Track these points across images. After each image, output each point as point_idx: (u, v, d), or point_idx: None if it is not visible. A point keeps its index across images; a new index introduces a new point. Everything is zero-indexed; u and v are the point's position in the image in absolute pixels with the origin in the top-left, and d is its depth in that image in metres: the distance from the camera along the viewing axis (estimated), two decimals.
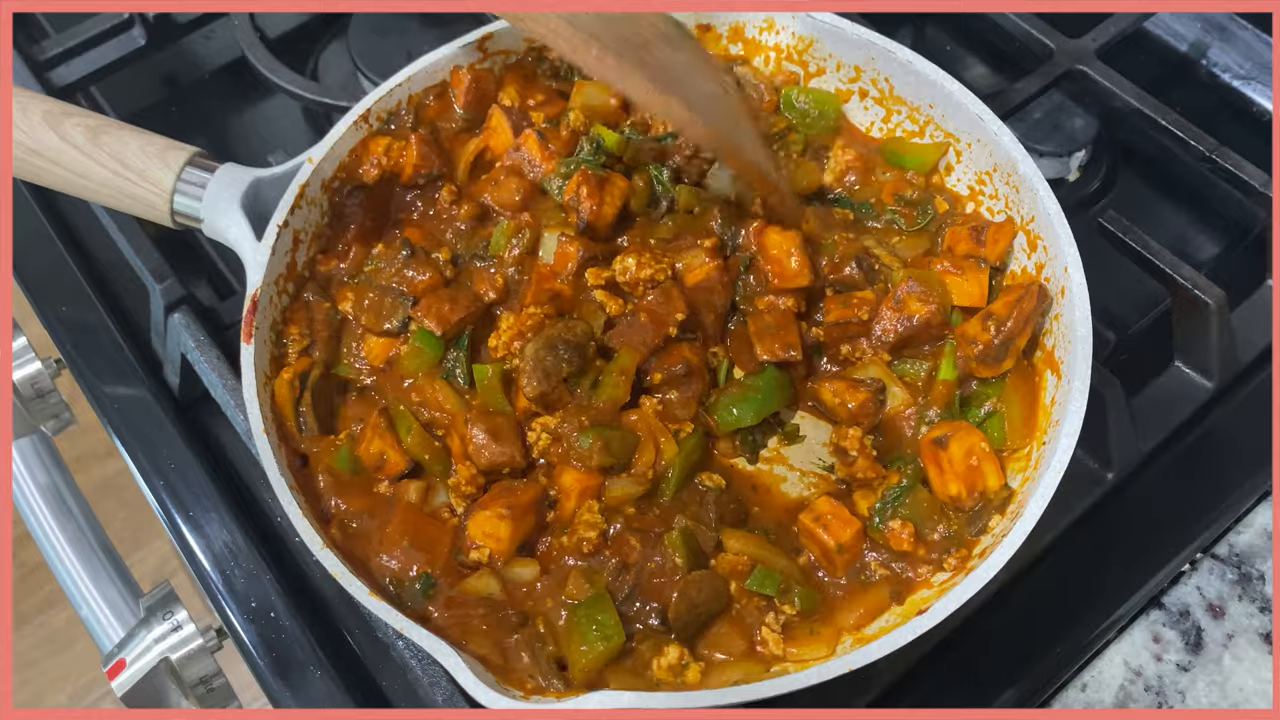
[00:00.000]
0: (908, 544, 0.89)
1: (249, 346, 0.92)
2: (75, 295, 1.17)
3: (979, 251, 0.99)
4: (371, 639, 0.97)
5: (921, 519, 0.90)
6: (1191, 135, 1.14)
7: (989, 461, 0.89)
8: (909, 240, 1.03)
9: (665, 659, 0.84)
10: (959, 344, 0.95)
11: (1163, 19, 1.34)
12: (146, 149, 0.98)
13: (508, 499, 0.89)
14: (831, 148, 1.09)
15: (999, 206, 1.02)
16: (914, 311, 0.95)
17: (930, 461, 0.91)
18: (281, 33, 1.37)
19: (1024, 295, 0.94)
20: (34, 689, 2.36)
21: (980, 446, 0.89)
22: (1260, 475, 1.01)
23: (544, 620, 0.86)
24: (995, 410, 0.93)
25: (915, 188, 1.05)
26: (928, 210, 1.04)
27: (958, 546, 0.88)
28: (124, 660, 1.00)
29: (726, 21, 1.13)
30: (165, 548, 2.26)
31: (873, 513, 0.91)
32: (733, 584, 0.88)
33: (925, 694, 0.92)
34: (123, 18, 1.31)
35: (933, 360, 0.97)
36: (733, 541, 0.89)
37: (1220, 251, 1.22)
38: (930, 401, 0.95)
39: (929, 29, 1.41)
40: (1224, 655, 0.95)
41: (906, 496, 0.90)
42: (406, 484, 0.92)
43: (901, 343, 0.97)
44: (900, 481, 0.91)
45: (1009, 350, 0.93)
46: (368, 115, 1.05)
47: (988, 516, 0.88)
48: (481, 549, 0.88)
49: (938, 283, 0.97)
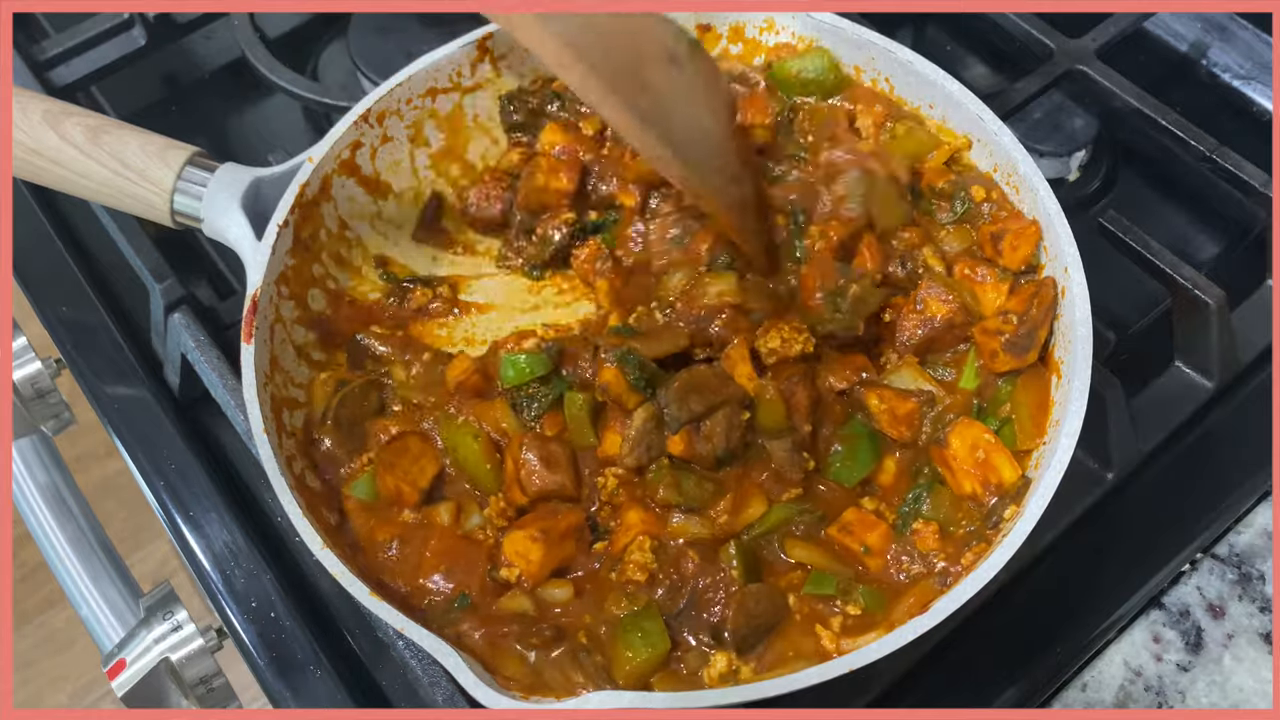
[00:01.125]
0: (935, 543, 0.88)
1: (249, 346, 0.92)
2: (75, 295, 1.17)
3: (999, 260, 0.98)
4: (371, 639, 0.97)
5: (945, 518, 0.89)
6: (1191, 135, 1.14)
7: (998, 453, 0.88)
8: (956, 233, 1.00)
9: (714, 669, 0.82)
10: (980, 340, 0.94)
11: (1163, 19, 1.34)
12: (146, 148, 0.98)
13: (545, 522, 0.88)
14: (856, 117, 1.07)
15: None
16: (935, 312, 0.94)
17: (941, 463, 0.91)
18: (281, 33, 1.37)
19: (1041, 287, 0.93)
20: (34, 689, 2.36)
21: (984, 438, 0.88)
22: (1260, 475, 1.01)
23: (585, 632, 0.85)
24: (1009, 417, 0.92)
25: (945, 177, 1.02)
26: (963, 198, 1.01)
27: (978, 541, 0.87)
28: (124, 660, 1.00)
29: (727, 21, 1.13)
30: (165, 548, 2.26)
31: (898, 516, 0.90)
32: (791, 596, 0.87)
33: (925, 694, 0.92)
34: (123, 18, 1.31)
35: (956, 368, 0.95)
36: (798, 551, 0.89)
37: (1220, 251, 1.22)
38: (949, 409, 0.94)
39: (929, 29, 1.41)
40: (1224, 655, 0.95)
41: (926, 496, 0.90)
42: (436, 508, 0.92)
43: (925, 345, 0.96)
44: (918, 483, 0.91)
45: (1034, 340, 0.91)
46: (368, 115, 1.05)
47: (1002, 509, 0.87)
48: (512, 568, 0.87)
49: (961, 285, 0.96)
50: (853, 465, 0.92)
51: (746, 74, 1.10)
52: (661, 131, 0.88)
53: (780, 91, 1.09)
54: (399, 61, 1.09)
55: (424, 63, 1.07)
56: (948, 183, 1.01)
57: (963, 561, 0.87)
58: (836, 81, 1.08)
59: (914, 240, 0.99)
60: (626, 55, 0.89)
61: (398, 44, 1.32)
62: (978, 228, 1.00)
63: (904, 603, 0.86)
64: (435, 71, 1.08)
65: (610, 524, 0.91)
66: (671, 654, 0.84)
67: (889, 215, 0.99)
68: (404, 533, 0.90)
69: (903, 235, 0.99)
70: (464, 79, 1.10)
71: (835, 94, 1.08)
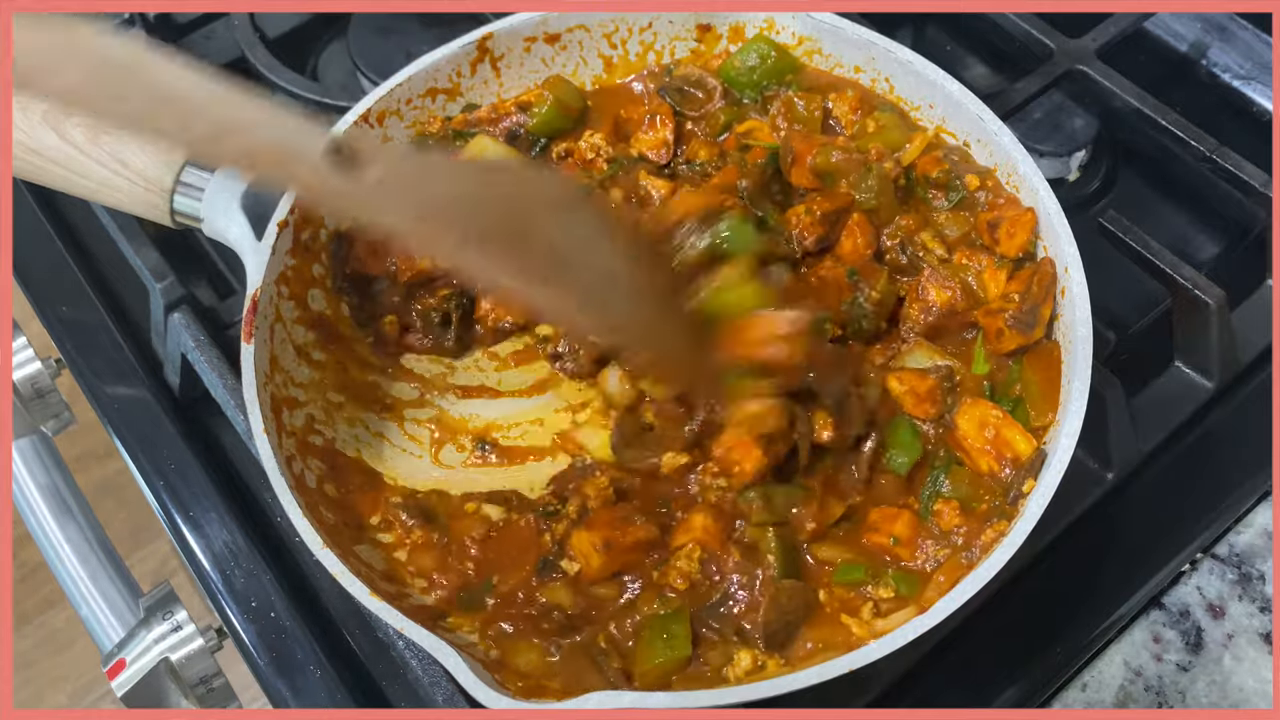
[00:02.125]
0: (957, 519, 0.88)
1: (249, 346, 0.92)
2: (75, 295, 1.17)
3: (995, 248, 0.98)
4: (371, 639, 0.97)
5: (966, 496, 0.89)
6: (1191, 135, 1.14)
7: (1009, 428, 0.88)
8: (953, 219, 1.00)
9: (738, 666, 0.83)
10: (985, 322, 0.94)
11: (1163, 19, 1.34)
12: (146, 148, 0.98)
13: (615, 532, 0.88)
14: (833, 106, 1.07)
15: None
16: (937, 299, 0.95)
17: (956, 447, 0.91)
18: (281, 33, 1.37)
19: (1039, 267, 0.93)
20: (34, 689, 2.36)
21: (992, 415, 0.88)
22: (1260, 475, 1.01)
23: (605, 635, 0.85)
24: (1020, 397, 0.92)
25: (940, 167, 1.01)
26: (957, 187, 1.00)
27: (999, 518, 0.87)
28: (124, 660, 1.00)
29: (727, 21, 1.13)
30: (165, 548, 2.26)
31: (920, 504, 0.91)
32: (821, 591, 0.87)
33: (925, 694, 0.92)
34: (123, 18, 1.31)
35: (964, 357, 0.95)
36: (824, 552, 0.89)
37: (1220, 251, 1.22)
38: (964, 387, 0.94)
39: (929, 29, 1.41)
40: (1224, 655, 0.95)
41: (945, 478, 0.90)
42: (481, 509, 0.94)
43: (931, 332, 0.96)
44: (934, 466, 0.91)
45: (1037, 316, 0.92)
46: (368, 115, 1.05)
47: (1021, 482, 0.87)
48: (574, 562, 0.88)
49: (960, 270, 0.96)
50: (901, 453, 0.92)
51: (703, 78, 1.11)
52: (565, 285, 0.81)
53: (734, 90, 1.10)
54: (399, 61, 1.09)
55: (424, 63, 1.07)
56: (941, 172, 1.01)
57: (982, 538, 0.87)
58: (782, 64, 1.08)
59: (911, 226, 0.99)
60: (509, 216, 0.80)
61: (398, 44, 1.32)
62: (975, 214, 1.00)
63: (934, 582, 0.86)
64: (435, 71, 1.08)
65: (674, 519, 0.91)
66: (695, 654, 0.84)
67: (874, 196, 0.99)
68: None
69: (900, 222, 1.00)
70: (463, 79, 1.10)
71: (787, 76, 1.08)
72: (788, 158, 1.02)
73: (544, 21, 1.11)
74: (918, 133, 1.04)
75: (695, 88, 1.11)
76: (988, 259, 0.96)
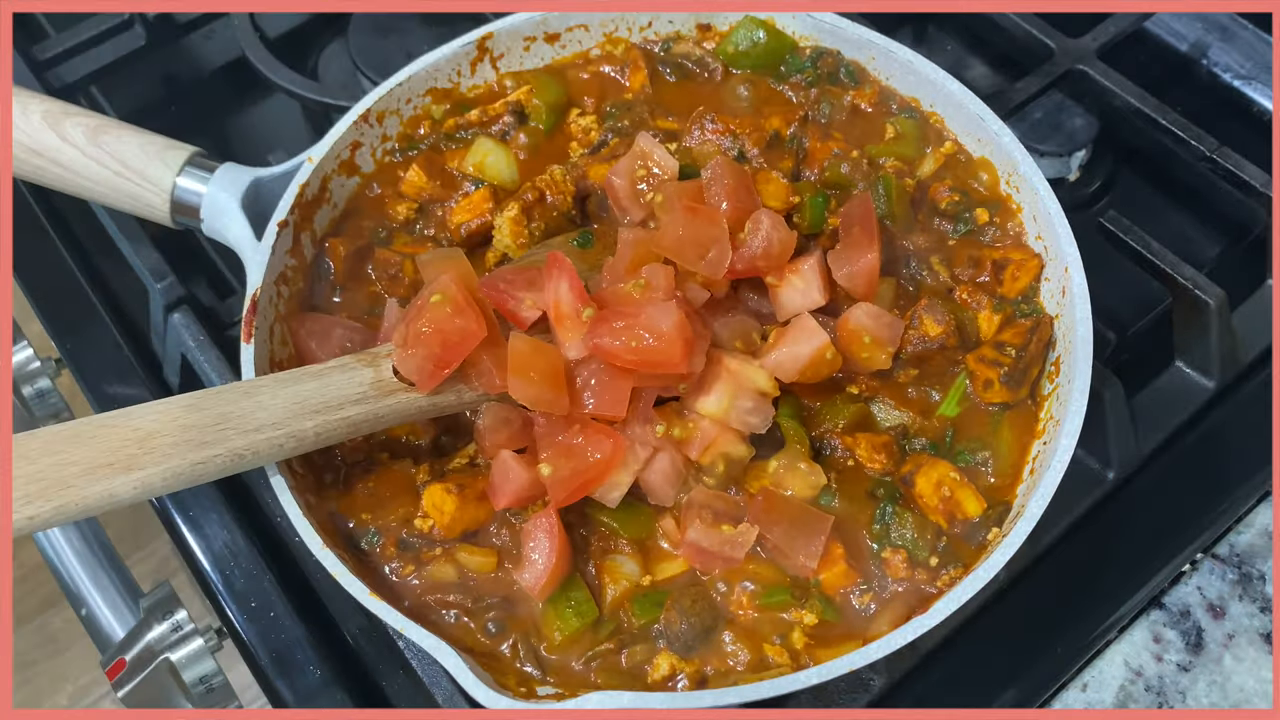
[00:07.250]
0: (905, 572, 0.86)
1: (249, 346, 0.92)
2: (75, 295, 1.17)
3: (998, 290, 0.97)
4: (371, 639, 0.97)
5: (913, 544, 0.87)
6: (1191, 135, 1.14)
7: (962, 489, 0.88)
8: (962, 245, 1.00)
9: (657, 672, 0.83)
10: (975, 369, 0.93)
11: (1163, 19, 1.34)
12: (146, 148, 0.98)
13: (463, 478, 0.90)
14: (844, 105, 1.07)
15: None
16: (930, 332, 0.93)
17: (909, 500, 0.90)
18: (281, 32, 1.37)
19: (1039, 324, 0.93)
20: (34, 689, 2.36)
21: (950, 476, 0.88)
22: (1260, 475, 1.01)
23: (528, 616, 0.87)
24: (987, 454, 0.91)
25: (949, 199, 1.01)
26: (966, 220, 1.01)
27: (955, 564, 0.86)
28: (124, 660, 1.00)
29: (727, 21, 1.13)
30: (165, 548, 2.25)
31: (869, 542, 0.88)
32: (734, 590, 0.86)
33: (925, 694, 0.92)
34: (123, 18, 1.31)
35: (943, 390, 0.95)
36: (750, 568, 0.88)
37: (1220, 251, 1.22)
38: (922, 431, 0.93)
39: (929, 29, 1.41)
40: (1224, 655, 0.95)
41: (891, 521, 0.88)
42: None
43: (918, 361, 0.95)
44: (881, 507, 0.89)
45: (1028, 376, 0.92)
46: (368, 115, 1.05)
47: (985, 530, 0.87)
48: (426, 519, 0.89)
49: (958, 309, 0.95)
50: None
51: (705, 59, 1.11)
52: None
53: (733, 68, 1.11)
54: (399, 61, 1.10)
55: (424, 63, 1.08)
56: (950, 204, 1.01)
57: (939, 583, 0.85)
58: (777, 46, 1.10)
59: (924, 245, 0.99)
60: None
61: (398, 44, 1.32)
62: (981, 250, 0.99)
63: (879, 621, 0.84)
64: (435, 71, 1.08)
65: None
66: (606, 628, 0.85)
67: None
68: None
69: (916, 240, 1.00)
70: (463, 79, 1.10)
71: (782, 57, 1.10)
72: (799, 153, 1.03)
73: (544, 21, 1.11)
74: (934, 148, 1.04)
75: (697, 66, 1.11)
76: (988, 300, 0.96)
